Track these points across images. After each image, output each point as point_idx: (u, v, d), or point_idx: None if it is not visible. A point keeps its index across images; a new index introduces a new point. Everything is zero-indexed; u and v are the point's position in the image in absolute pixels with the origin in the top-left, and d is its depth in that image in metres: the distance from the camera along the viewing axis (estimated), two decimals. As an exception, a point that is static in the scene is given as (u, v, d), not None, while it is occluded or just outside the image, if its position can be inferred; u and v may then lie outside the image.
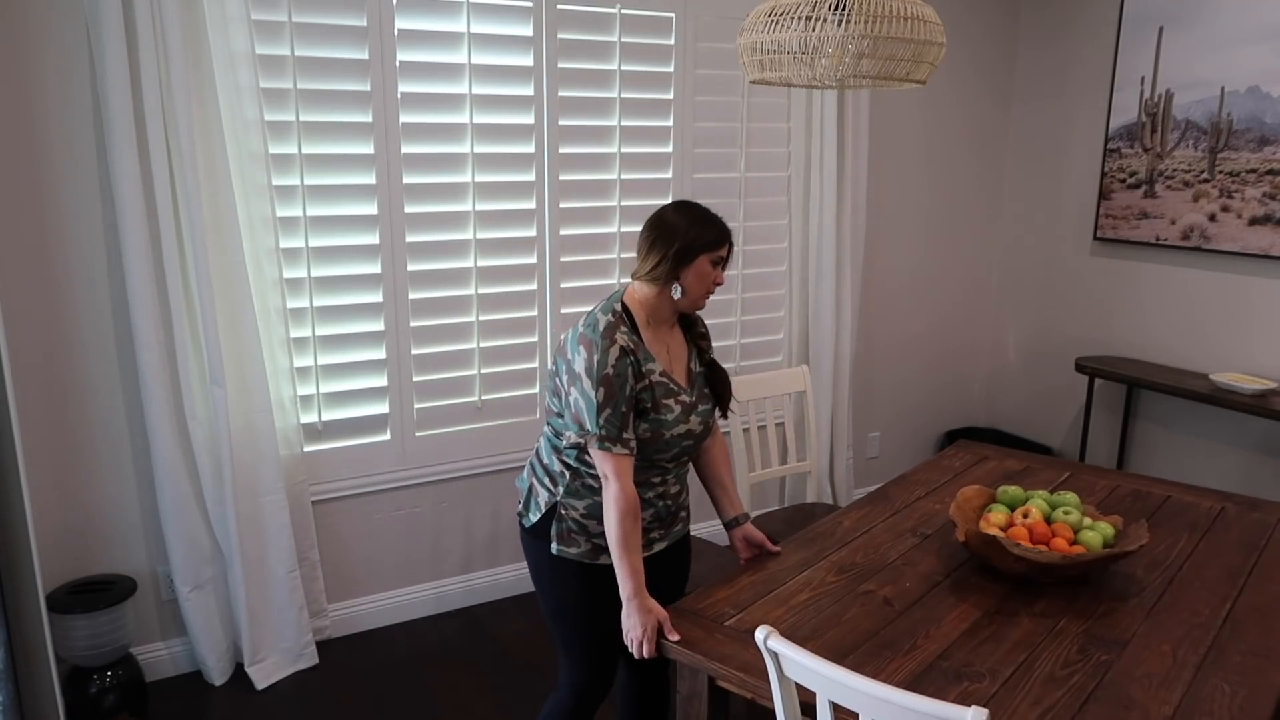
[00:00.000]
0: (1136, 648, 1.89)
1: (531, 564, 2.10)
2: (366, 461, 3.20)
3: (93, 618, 2.61)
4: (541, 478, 2.06)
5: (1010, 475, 2.76)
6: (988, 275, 4.68)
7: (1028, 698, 1.73)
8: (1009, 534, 2.11)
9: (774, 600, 2.06)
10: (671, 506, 2.10)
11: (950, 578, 2.16)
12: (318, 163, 2.95)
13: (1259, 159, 3.56)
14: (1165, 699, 1.73)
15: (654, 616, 1.88)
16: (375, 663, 3.10)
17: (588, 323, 1.95)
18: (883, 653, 1.87)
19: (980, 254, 4.63)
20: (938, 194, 4.40)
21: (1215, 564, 2.22)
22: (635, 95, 3.44)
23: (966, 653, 1.87)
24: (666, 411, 1.97)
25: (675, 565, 2.19)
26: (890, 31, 1.90)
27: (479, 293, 3.27)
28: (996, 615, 2.01)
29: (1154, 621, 1.98)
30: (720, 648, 1.86)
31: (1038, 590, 2.09)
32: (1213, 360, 3.83)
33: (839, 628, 1.96)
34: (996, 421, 4.78)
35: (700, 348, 2.12)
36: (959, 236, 4.52)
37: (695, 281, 1.96)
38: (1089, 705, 1.71)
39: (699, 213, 1.97)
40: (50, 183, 2.61)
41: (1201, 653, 1.87)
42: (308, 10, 2.85)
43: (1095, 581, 2.13)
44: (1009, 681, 1.79)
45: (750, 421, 3.11)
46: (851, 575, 2.18)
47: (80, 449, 2.76)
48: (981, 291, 4.69)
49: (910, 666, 1.83)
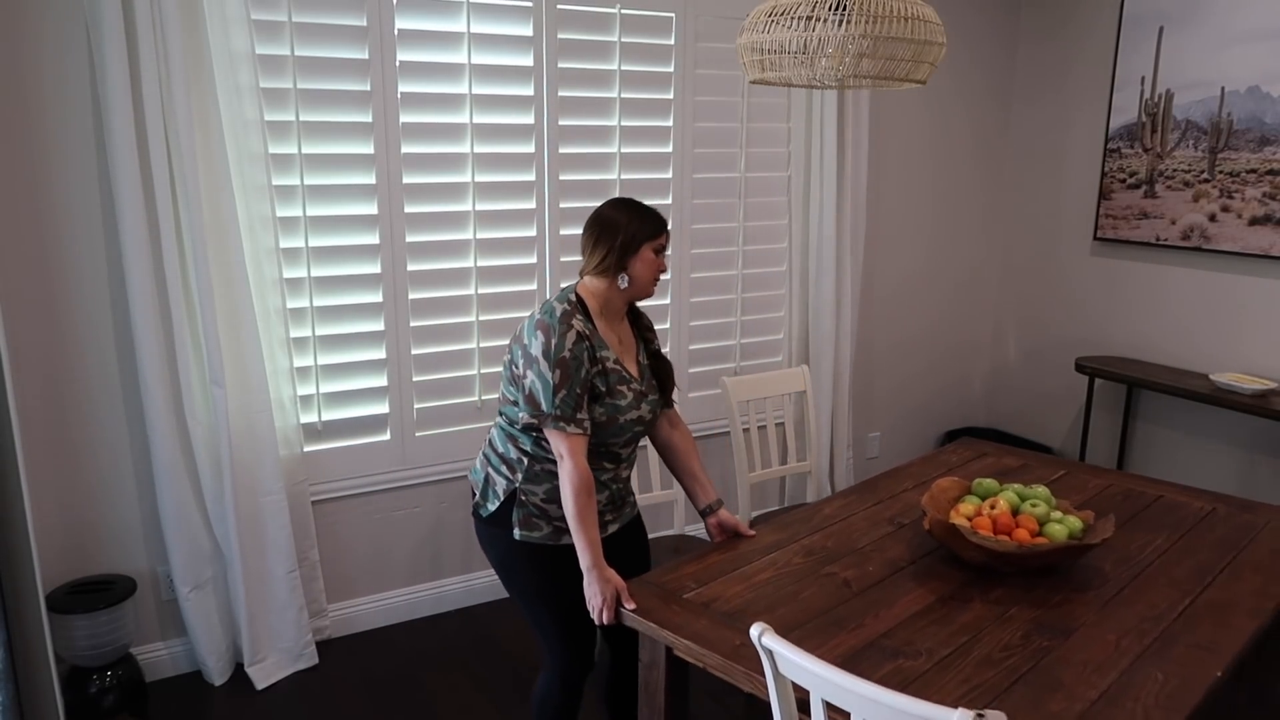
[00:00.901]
0: (1082, 636, 1.91)
1: (495, 555, 2.17)
2: (366, 461, 3.20)
3: (93, 618, 2.61)
4: (498, 466, 2.12)
5: (1006, 472, 2.76)
6: (988, 275, 4.68)
7: (958, 676, 1.77)
8: (973, 524, 2.14)
9: (737, 577, 2.12)
10: (622, 490, 2.22)
11: (915, 564, 2.20)
12: (318, 162, 2.95)
13: (1259, 159, 3.56)
14: (1094, 684, 1.75)
15: (612, 585, 1.98)
16: (375, 663, 3.10)
17: (544, 310, 2.04)
18: (829, 629, 1.92)
19: (980, 254, 4.63)
20: (938, 194, 4.40)
21: (1188, 562, 2.22)
22: (635, 95, 3.44)
23: (911, 633, 1.91)
24: (620, 397, 2.08)
25: (633, 544, 2.29)
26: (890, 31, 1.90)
27: (479, 293, 3.26)
28: (951, 600, 2.04)
29: (1107, 613, 2.00)
30: (674, 618, 1.93)
31: (999, 579, 2.12)
32: (1213, 360, 3.83)
33: (793, 605, 2.01)
34: (997, 421, 4.78)
35: (646, 339, 2.25)
36: (959, 236, 4.52)
37: (642, 269, 2.09)
38: (1016, 686, 1.74)
39: (635, 207, 2.10)
40: (50, 183, 2.61)
41: (1145, 643, 1.88)
42: (308, 10, 2.85)
43: (1060, 574, 2.15)
44: (944, 661, 1.82)
45: (750, 421, 3.11)
46: (818, 558, 2.24)
47: (80, 449, 2.76)
48: (981, 292, 4.69)
49: (851, 643, 1.87)
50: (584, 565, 1.99)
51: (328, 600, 3.20)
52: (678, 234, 3.63)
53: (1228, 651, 1.84)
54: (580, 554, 2.00)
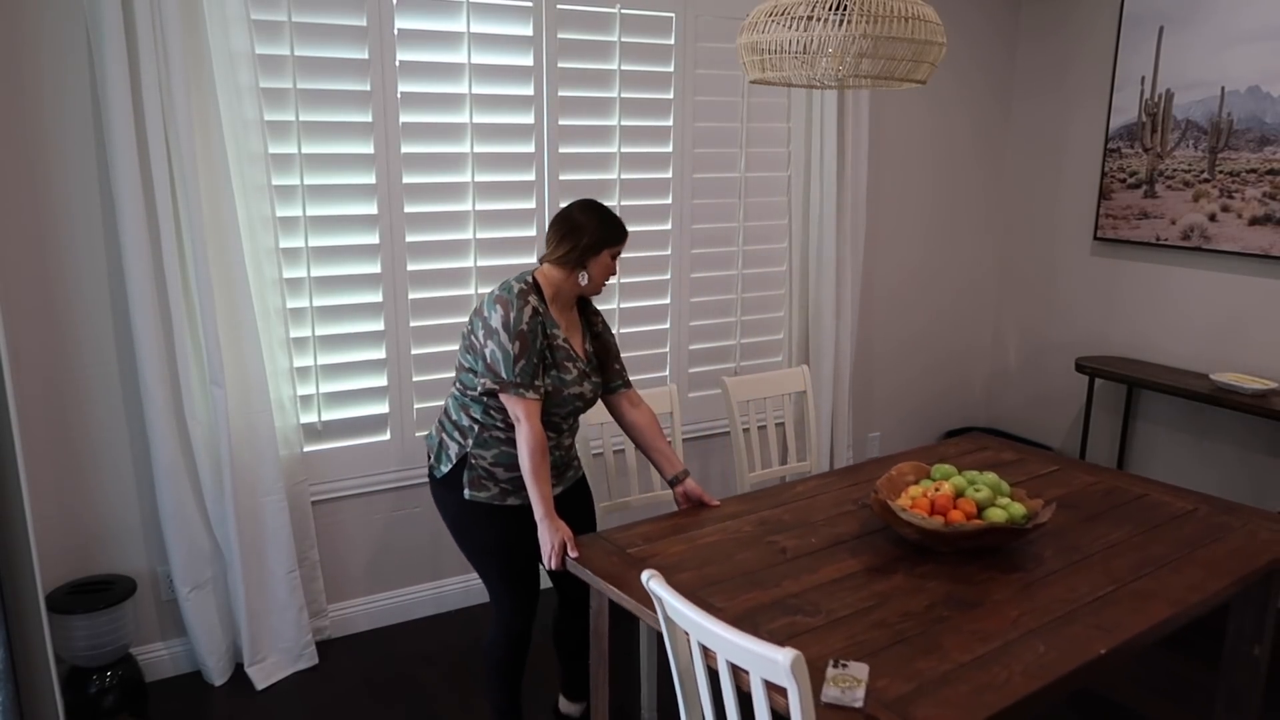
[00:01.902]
0: (985, 610, 1.95)
1: (448, 514, 2.37)
2: (366, 461, 3.20)
3: (92, 618, 2.61)
4: (451, 432, 2.32)
5: (1002, 465, 2.79)
6: (988, 275, 4.68)
7: (845, 634, 1.84)
8: (914, 504, 2.21)
9: (683, 539, 2.26)
10: (565, 457, 2.44)
11: (858, 540, 2.28)
12: (317, 162, 2.95)
13: (1259, 159, 3.56)
14: (973, 650, 1.79)
15: (560, 534, 2.18)
16: (375, 663, 3.10)
17: (503, 287, 2.24)
18: (745, 587, 2.03)
19: (980, 254, 4.63)
20: (938, 194, 4.40)
21: (1135, 555, 2.22)
22: (635, 95, 3.44)
23: (820, 595, 2.00)
24: (565, 372, 2.29)
25: (578, 504, 2.50)
26: (890, 31, 1.90)
27: (479, 293, 3.26)
28: (875, 572, 2.12)
29: (1023, 593, 2.03)
30: (612, 569, 2.09)
31: (933, 557, 2.18)
32: (1213, 360, 3.83)
33: (723, 564, 2.13)
34: (997, 422, 4.78)
35: (592, 324, 2.44)
36: (959, 236, 4.52)
37: (599, 271, 2.31)
38: (897, 646, 1.81)
39: (603, 214, 2.30)
40: (50, 183, 2.61)
41: (1044, 621, 1.91)
42: (308, 10, 2.84)
43: (997, 556, 2.18)
44: (839, 620, 1.90)
45: (750, 421, 3.11)
46: (768, 528, 2.34)
47: (80, 449, 2.76)
48: (981, 291, 4.69)
49: (759, 599, 1.98)
50: (537, 516, 2.20)
51: (328, 600, 3.20)
52: (678, 234, 3.63)
53: (1122, 634, 1.85)
54: (534, 506, 2.20)
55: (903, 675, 1.70)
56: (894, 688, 1.66)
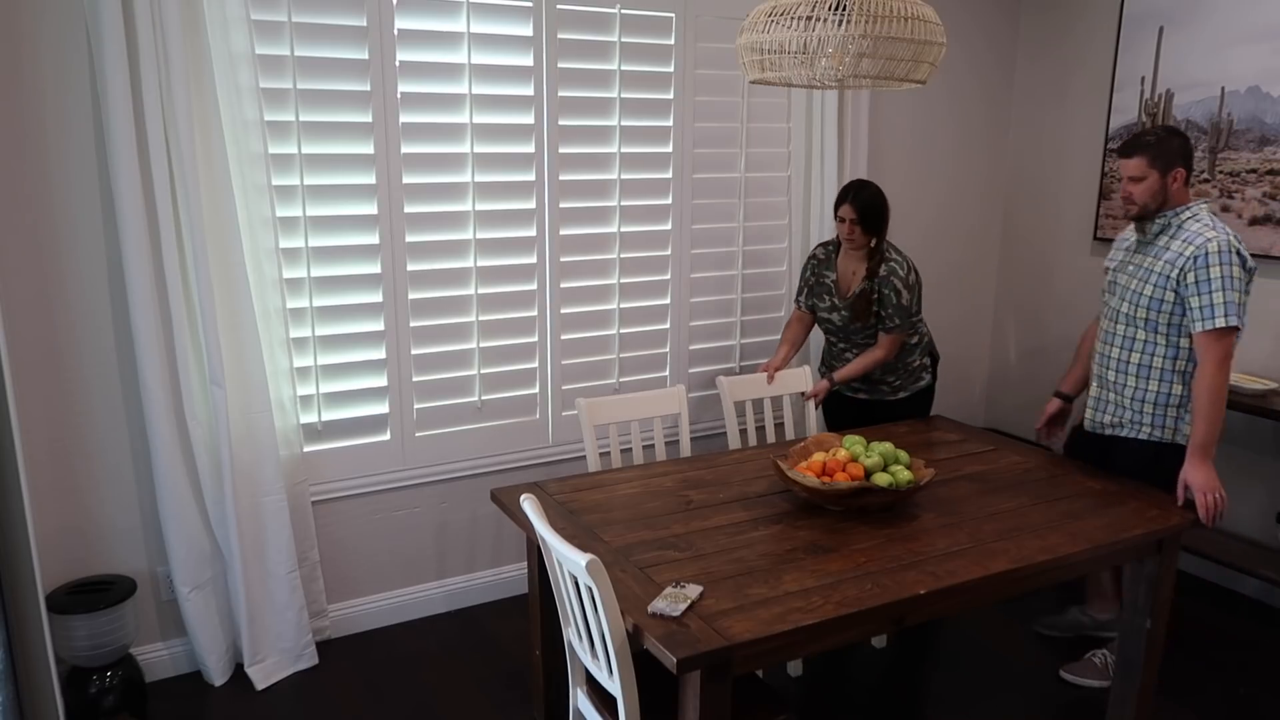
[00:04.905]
0: (836, 555, 2.11)
1: None
2: (366, 461, 3.20)
3: (93, 618, 2.61)
4: None
5: (936, 444, 2.93)
6: (987, 274, 4.68)
7: (699, 566, 2.05)
8: (808, 467, 2.41)
9: (605, 489, 2.50)
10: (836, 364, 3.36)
11: (761, 498, 2.45)
12: (317, 163, 2.95)
13: (1259, 159, 3.56)
14: (803, 584, 1.99)
15: None
16: (375, 663, 3.10)
17: None
18: (636, 528, 2.24)
19: (980, 253, 4.63)
20: (937, 194, 4.40)
21: (1009, 521, 2.33)
22: (635, 95, 3.44)
23: (698, 537, 2.21)
24: (821, 300, 3.29)
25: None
26: (890, 31, 1.90)
27: (479, 293, 3.26)
28: (758, 522, 2.30)
29: (882, 545, 2.17)
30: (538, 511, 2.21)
31: (821, 514, 2.36)
32: (1213, 360, 3.81)
33: (625, 509, 2.34)
34: (996, 422, 4.78)
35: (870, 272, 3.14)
36: (958, 236, 4.52)
37: (837, 228, 3.19)
38: (741, 577, 2.01)
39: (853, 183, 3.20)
40: (50, 183, 2.61)
41: (886, 567, 2.06)
42: (308, 10, 2.85)
43: (882, 515, 2.35)
44: (701, 556, 2.11)
45: (750, 422, 3.11)
46: (688, 484, 2.53)
47: (80, 449, 2.76)
48: (981, 291, 4.68)
49: (644, 537, 2.19)
50: None
51: (328, 600, 3.20)
52: (678, 234, 3.63)
53: (949, 579, 2.02)
54: None
55: (731, 598, 1.92)
56: (718, 606, 1.90)
